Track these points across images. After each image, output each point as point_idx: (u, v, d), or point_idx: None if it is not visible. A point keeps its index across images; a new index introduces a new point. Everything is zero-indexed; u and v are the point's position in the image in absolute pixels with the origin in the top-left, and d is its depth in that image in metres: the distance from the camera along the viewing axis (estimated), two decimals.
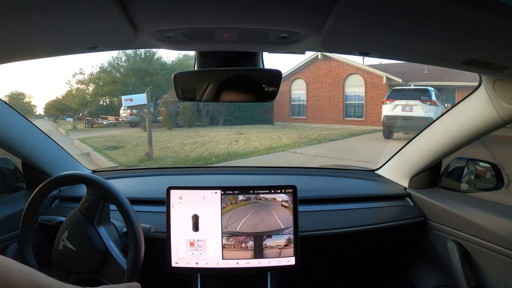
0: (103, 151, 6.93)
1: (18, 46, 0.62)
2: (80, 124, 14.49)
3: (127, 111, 11.90)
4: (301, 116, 11.85)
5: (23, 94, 21.63)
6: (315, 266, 1.36)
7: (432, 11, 0.46)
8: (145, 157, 6.02)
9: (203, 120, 11.70)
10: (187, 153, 6.57)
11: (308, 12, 0.52)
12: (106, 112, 15.09)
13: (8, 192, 1.13)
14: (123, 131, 10.70)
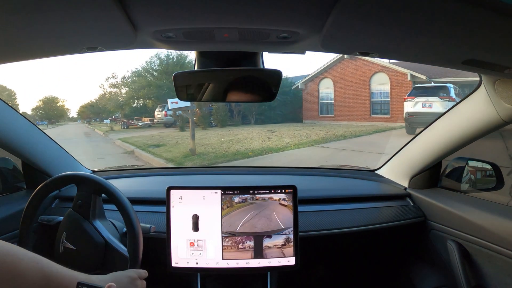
0: (146, 149, 7.33)
1: (18, 46, 0.62)
2: (116, 125, 15.26)
3: (162, 112, 12.63)
4: (329, 114, 12.15)
5: (57, 98, 22.52)
6: (315, 266, 1.36)
7: (432, 11, 0.46)
8: (188, 152, 6.43)
9: (235, 120, 12.07)
10: (226, 148, 6.98)
11: (308, 12, 0.52)
12: (139, 114, 15.72)
13: (8, 192, 1.13)
14: (159, 131, 11.19)
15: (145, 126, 13.85)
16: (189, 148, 6.60)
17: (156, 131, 11.50)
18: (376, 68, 11.07)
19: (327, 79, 12.32)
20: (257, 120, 12.27)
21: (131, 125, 14.56)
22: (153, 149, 7.30)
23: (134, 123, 14.73)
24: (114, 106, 16.93)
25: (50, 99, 22.26)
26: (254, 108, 11.95)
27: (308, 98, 12.79)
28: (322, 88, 12.47)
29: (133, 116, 15.72)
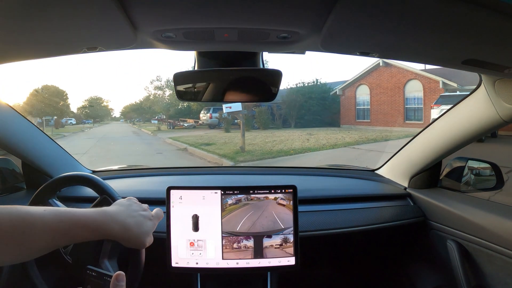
0: (199, 146, 8.14)
1: (18, 46, 0.62)
2: (163, 125, 16.39)
3: (207, 114, 13.68)
4: (365, 119, 12.69)
5: (101, 99, 23.95)
6: (315, 266, 1.36)
7: (432, 11, 0.46)
8: (239, 150, 7.34)
9: (276, 123, 12.75)
10: (270, 147, 7.95)
11: (308, 12, 0.52)
12: (183, 115, 16.76)
13: (8, 192, 1.13)
14: (205, 132, 12.05)
15: (190, 127, 14.78)
16: (239, 146, 7.50)
17: (202, 132, 12.29)
18: (410, 75, 11.56)
19: (363, 86, 12.76)
20: (297, 123, 12.78)
21: (177, 126, 15.49)
22: (205, 147, 8.08)
23: (180, 124, 15.72)
24: (160, 107, 17.75)
25: (95, 99, 23.50)
26: (294, 112, 12.59)
27: (346, 103, 13.29)
28: (359, 94, 12.92)
29: (177, 118, 16.66)
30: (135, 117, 22.43)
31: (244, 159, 6.57)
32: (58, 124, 18.91)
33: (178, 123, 15.85)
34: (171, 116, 17.37)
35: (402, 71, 11.66)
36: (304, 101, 13.16)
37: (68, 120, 22.90)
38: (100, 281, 0.61)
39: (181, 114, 17.08)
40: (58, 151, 1.27)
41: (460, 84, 10.11)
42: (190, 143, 8.77)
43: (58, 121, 19.03)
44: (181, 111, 17.46)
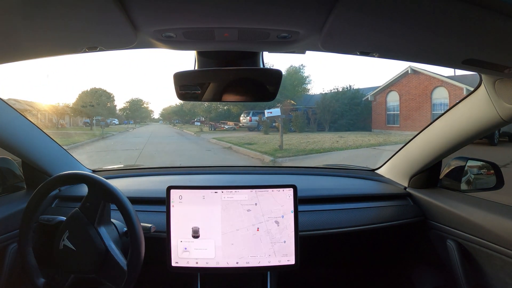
0: (242, 145, 8.86)
1: (18, 46, 0.62)
2: (205, 127, 17.12)
3: (247, 117, 14.34)
4: (395, 124, 13.34)
5: (141, 100, 24.63)
6: (315, 266, 1.36)
7: (432, 11, 0.46)
8: (278, 148, 8.27)
9: (311, 127, 13.42)
10: (304, 147, 8.88)
11: (308, 12, 0.52)
12: (224, 118, 17.22)
13: (8, 192, 1.13)
14: (245, 134, 12.60)
15: (230, 129, 15.33)
16: (278, 145, 8.48)
17: (242, 133, 12.80)
18: (436, 82, 12.08)
19: (393, 92, 13.37)
20: (331, 127, 13.49)
21: (218, 128, 16.10)
22: (248, 146, 8.82)
23: (221, 126, 16.31)
24: (202, 110, 18.72)
25: (136, 101, 24.41)
26: (328, 117, 13.38)
27: (377, 109, 13.93)
28: (389, 100, 13.54)
29: (218, 120, 17.20)
30: (175, 118, 23.27)
31: (282, 155, 7.55)
32: (105, 124, 19.85)
33: (219, 125, 16.45)
34: (212, 118, 17.94)
35: (429, 78, 12.20)
36: (338, 106, 13.83)
37: (112, 121, 23.57)
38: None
39: (222, 117, 17.55)
40: (58, 151, 1.27)
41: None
42: (233, 143, 9.40)
43: (104, 121, 19.90)
44: (222, 114, 17.95)
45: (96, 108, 17.99)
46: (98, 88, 19.81)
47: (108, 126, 20.71)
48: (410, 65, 11.47)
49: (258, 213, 0.95)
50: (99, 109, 18.26)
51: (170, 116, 24.13)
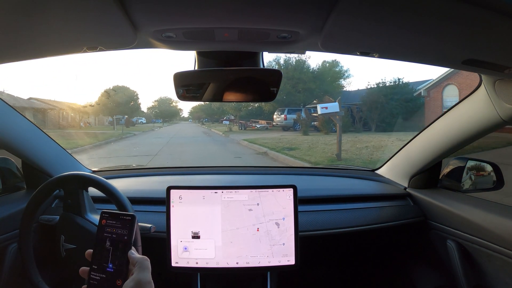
0: (281, 151, 7.41)
1: (18, 46, 0.62)
2: (234, 126, 16.03)
3: (281, 116, 13.13)
4: None
5: (170, 99, 24.70)
6: (315, 266, 1.36)
7: (432, 11, 0.46)
8: (334, 157, 6.73)
9: (356, 126, 12.06)
10: (368, 156, 7.09)
11: (308, 12, 0.52)
12: (254, 116, 16.33)
13: (8, 192, 1.13)
14: (280, 134, 11.27)
15: (262, 128, 14.36)
16: (335, 153, 6.85)
17: (276, 133, 11.54)
18: None
19: (451, 86, 11.53)
20: (378, 127, 12.01)
21: (249, 127, 15.09)
22: (289, 151, 7.34)
23: (252, 125, 15.27)
24: (232, 108, 17.60)
25: (165, 99, 24.39)
26: (375, 115, 11.97)
27: (431, 105, 12.06)
28: (446, 95, 11.70)
29: (248, 119, 16.23)
30: (203, 117, 23.02)
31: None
32: (129, 123, 19.23)
33: (250, 124, 15.48)
34: (242, 117, 17.05)
35: None
36: (386, 102, 12.10)
37: (139, 120, 23.21)
38: (117, 222, 0.62)
39: (252, 115, 16.60)
40: (58, 151, 1.27)
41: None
42: (270, 147, 7.92)
43: (129, 120, 19.39)
44: (252, 112, 17.05)
45: (118, 107, 17.18)
46: (120, 86, 18.98)
47: (134, 125, 20.40)
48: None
49: (259, 214, 0.95)
50: (121, 108, 17.48)
51: (199, 115, 24.04)
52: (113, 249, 0.60)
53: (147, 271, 0.57)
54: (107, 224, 0.62)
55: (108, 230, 0.62)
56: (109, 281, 0.59)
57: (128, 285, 0.55)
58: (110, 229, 0.62)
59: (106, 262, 0.60)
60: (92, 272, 0.60)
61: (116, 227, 0.62)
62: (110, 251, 0.60)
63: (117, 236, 0.61)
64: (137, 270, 0.57)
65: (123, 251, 0.60)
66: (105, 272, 0.60)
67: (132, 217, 0.62)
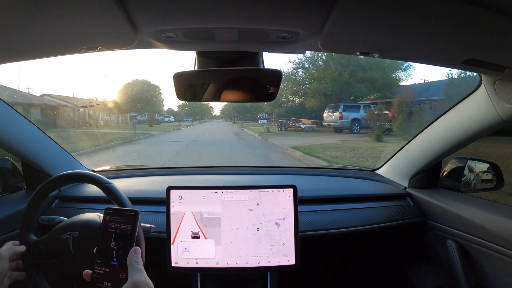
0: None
1: (18, 46, 0.62)
2: (272, 126, 13.33)
3: (335, 114, 10.35)
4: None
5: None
6: (315, 266, 1.36)
7: (432, 11, 0.46)
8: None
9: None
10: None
11: (308, 12, 0.52)
12: (295, 114, 13.50)
13: (8, 192, 1.13)
14: (338, 139, 8.54)
15: (308, 129, 11.59)
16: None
17: (330, 137, 8.92)
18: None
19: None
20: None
21: (290, 127, 12.21)
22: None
23: (294, 125, 12.36)
24: (269, 104, 14.41)
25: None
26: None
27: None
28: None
29: (288, 117, 13.49)
30: (235, 115, 21.58)
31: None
32: (152, 121, 17.06)
33: (292, 124, 12.47)
34: (281, 115, 14.19)
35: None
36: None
37: (165, 118, 21.50)
38: (120, 217, 0.63)
39: (292, 113, 13.59)
40: (58, 151, 1.27)
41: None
42: (333, 161, 5.46)
43: (152, 118, 17.28)
44: (292, 110, 14.01)
45: (138, 103, 15.04)
46: (141, 80, 16.33)
47: (160, 124, 18.42)
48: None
49: (259, 214, 0.95)
50: (141, 104, 15.30)
51: (231, 113, 22.64)
52: (117, 243, 0.62)
53: (139, 272, 0.58)
54: (111, 220, 0.64)
55: (112, 226, 0.63)
56: (113, 275, 0.60)
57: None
58: (114, 224, 0.63)
59: (110, 257, 0.61)
60: (96, 267, 0.61)
61: (120, 223, 0.63)
62: (115, 245, 0.62)
63: (121, 231, 0.63)
64: (130, 273, 0.58)
65: (127, 245, 0.61)
66: (110, 266, 0.61)
67: (135, 213, 0.64)
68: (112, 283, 0.60)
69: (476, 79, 0.88)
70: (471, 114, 0.95)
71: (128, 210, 0.64)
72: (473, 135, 0.98)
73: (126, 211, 0.64)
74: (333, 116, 10.62)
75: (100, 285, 0.60)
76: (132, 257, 0.60)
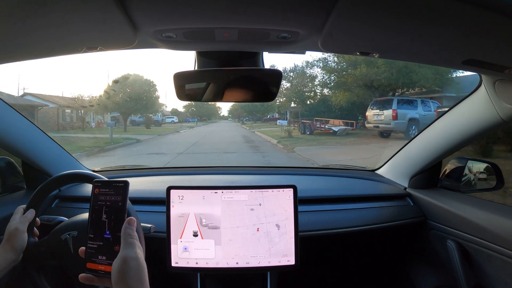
0: None
1: (18, 46, 0.62)
2: (294, 129, 10.04)
3: (386, 112, 7.56)
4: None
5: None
6: (315, 266, 1.36)
7: (432, 11, 0.46)
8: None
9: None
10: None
11: (308, 12, 0.52)
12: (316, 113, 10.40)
13: (8, 192, 1.13)
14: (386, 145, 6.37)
15: (342, 133, 9.07)
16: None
17: (379, 144, 6.74)
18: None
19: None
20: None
21: (317, 130, 9.52)
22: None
23: (324, 127, 9.58)
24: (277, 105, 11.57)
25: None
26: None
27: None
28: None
29: (310, 116, 10.46)
30: (244, 115, 19.98)
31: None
32: (149, 123, 15.22)
33: (321, 126, 9.59)
34: (302, 114, 11.02)
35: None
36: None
37: (167, 118, 19.59)
38: (110, 189, 0.62)
39: (314, 112, 10.42)
40: (58, 150, 1.27)
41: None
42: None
43: (149, 119, 15.41)
44: (314, 107, 10.66)
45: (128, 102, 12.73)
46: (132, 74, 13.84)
47: (161, 125, 16.67)
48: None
49: (260, 214, 0.95)
50: (130, 103, 12.97)
51: (239, 113, 21.14)
52: (109, 216, 0.60)
53: (131, 247, 0.56)
54: (100, 193, 0.62)
55: (102, 199, 0.62)
56: (107, 247, 0.59)
57: (116, 263, 0.54)
58: (103, 197, 0.62)
59: (103, 230, 0.60)
60: (89, 241, 0.60)
61: (109, 195, 0.62)
62: (106, 218, 0.60)
63: (111, 203, 0.61)
64: (122, 247, 0.56)
65: (119, 217, 0.60)
66: (103, 239, 0.60)
67: (125, 183, 0.62)
68: (107, 257, 0.59)
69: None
70: (471, 114, 0.95)
71: (117, 181, 0.62)
72: (473, 135, 0.98)
73: (115, 183, 0.62)
74: (383, 115, 7.65)
75: (95, 260, 0.59)
76: (126, 229, 0.58)
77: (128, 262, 0.54)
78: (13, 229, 0.72)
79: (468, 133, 0.99)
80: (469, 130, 0.98)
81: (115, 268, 0.54)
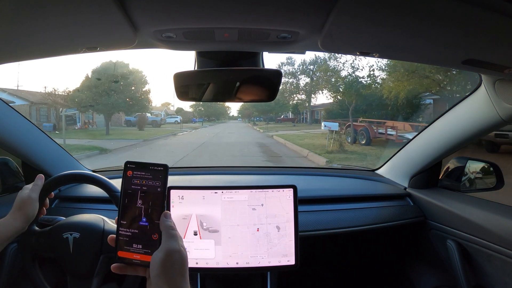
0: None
1: (18, 46, 0.62)
2: (341, 135, 7.26)
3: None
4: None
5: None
6: (315, 266, 1.36)
7: (432, 11, 0.46)
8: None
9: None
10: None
11: (308, 12, 0.52)
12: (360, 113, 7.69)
13: (8, 192, 1.13)
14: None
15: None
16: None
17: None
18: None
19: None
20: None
21: (377, 138, 6.90)
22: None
23: (380, 134, 6.90)
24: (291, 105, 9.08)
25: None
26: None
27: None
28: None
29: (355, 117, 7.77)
30: (255, 115, 17.58)
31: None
32: (143, 123, 13.05)
33: (383, 133, 6.83)
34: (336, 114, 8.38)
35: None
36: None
37: (169, 118, 17.65)
38: (146, 173, 0.55)
39: (358, 111, 7.71)
40: (58, 151, 1.27)
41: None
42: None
43: (143, 118, 13.20)
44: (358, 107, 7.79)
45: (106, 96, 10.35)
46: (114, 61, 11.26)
47: (159, 126, 14.91)
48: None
49: (261, 214, 0.95)
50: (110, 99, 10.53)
51: (249, 112, 18.85)
52: (145, 202, 0.54)
53: (174, 239, 0.52)
54: (134, 176, 0.55)
55: (136, 182, 0.55)
56: (144, 235, 0.53)
57: (157, 256, 0.51)
58: (138, 180, 0.55)
59: (138, 217, 0.54)
60: (121, 228, 0.54)
61: (146, 179, 0.55)
62: (142, 204, 0.54)
63: (149, 188, 0.54)
64: (164, 239, 0.52)
65: (158, 205, 0.54)
66: (138, 227, 0.54)
67: (164, 167, 0.55)
68: (144, 245, 0.53)
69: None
70: (471, 114, 0.95)
71: (155, 165, 0.55)
72: (473, 135, 0.98)
73: (152, 166, 0.55)
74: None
75: (129, 248, 0.53)
76: (165, 221, 0.53)
77: (172, 255, 0.51)
78: (26, 197, 0.72)
79: (468, 133, 0.99)
80: (469, 130, 0.98)
81: (157, 261, 0.50)
